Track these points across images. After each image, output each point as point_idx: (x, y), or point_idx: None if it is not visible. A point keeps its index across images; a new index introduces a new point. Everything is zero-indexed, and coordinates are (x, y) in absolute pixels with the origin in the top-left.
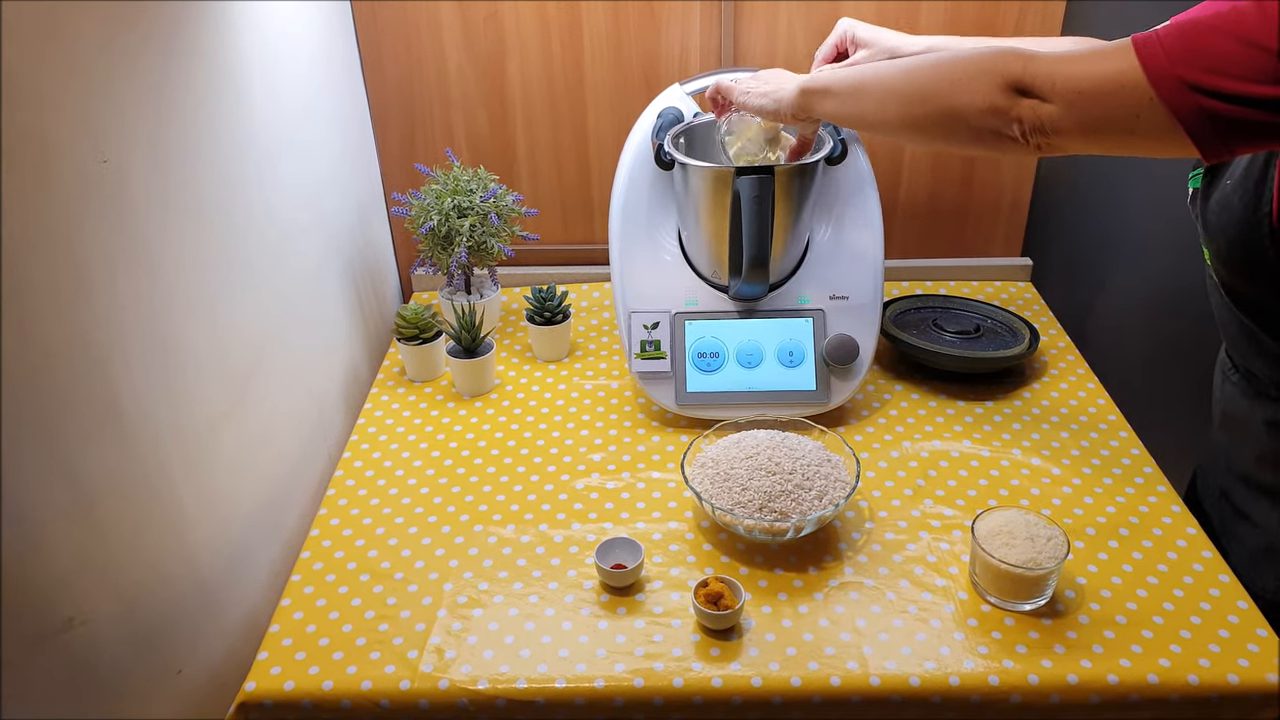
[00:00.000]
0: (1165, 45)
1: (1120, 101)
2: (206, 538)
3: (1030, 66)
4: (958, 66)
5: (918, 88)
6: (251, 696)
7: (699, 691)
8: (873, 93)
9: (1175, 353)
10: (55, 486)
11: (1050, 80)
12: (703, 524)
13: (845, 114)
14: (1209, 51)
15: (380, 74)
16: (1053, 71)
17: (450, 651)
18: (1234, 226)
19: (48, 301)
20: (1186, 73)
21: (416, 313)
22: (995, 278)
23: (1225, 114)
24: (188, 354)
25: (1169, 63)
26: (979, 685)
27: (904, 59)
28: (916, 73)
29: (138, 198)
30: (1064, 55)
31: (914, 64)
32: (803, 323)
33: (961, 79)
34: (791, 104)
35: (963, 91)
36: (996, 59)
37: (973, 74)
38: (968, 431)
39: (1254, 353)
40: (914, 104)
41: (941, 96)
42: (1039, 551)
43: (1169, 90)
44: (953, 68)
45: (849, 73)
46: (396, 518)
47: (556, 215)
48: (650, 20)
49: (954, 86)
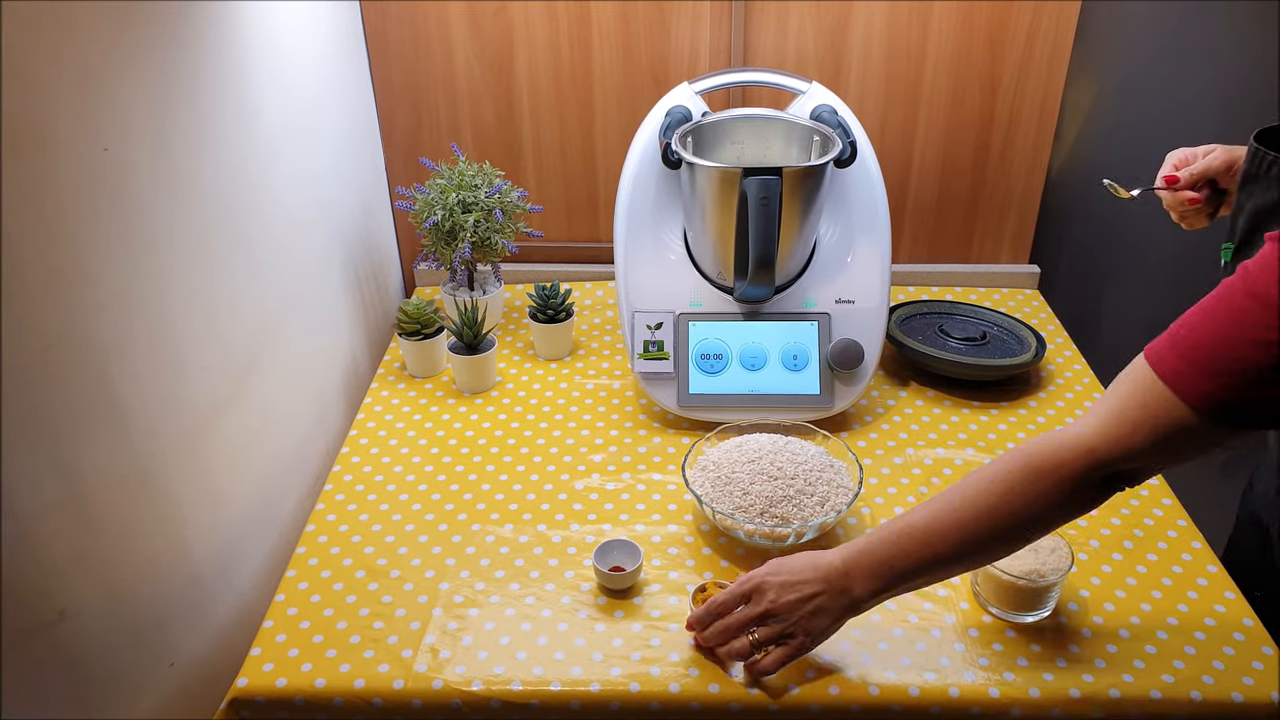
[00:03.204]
0: (1197, 372)
1: (1186, 441)
2: (201, 531)
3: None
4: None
5: (989, 544)
6: (243, 692)
7: (695, 698)
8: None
9: None
10: (48, 478)
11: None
12: (703, 528)
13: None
14: (1234, 371)
15: (387, 67)
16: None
17: (445, 651)
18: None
19: (44, 291)
20: (1228, 398)
21: (418, 308)
22: (1002, 284)
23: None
24: (186, 345)
25: (1212, 391)
26: (979, 697)
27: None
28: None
29: (139, 188)
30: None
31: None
32: (808, 326)
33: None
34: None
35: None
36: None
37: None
38: (972, 439)
39: None
40: (990, 553)
41: (1013, 532)
42: (1042, 563)
43: (1221, 417)
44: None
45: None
46: (393, 514)
47: (561, 212)
48: (660, 18)
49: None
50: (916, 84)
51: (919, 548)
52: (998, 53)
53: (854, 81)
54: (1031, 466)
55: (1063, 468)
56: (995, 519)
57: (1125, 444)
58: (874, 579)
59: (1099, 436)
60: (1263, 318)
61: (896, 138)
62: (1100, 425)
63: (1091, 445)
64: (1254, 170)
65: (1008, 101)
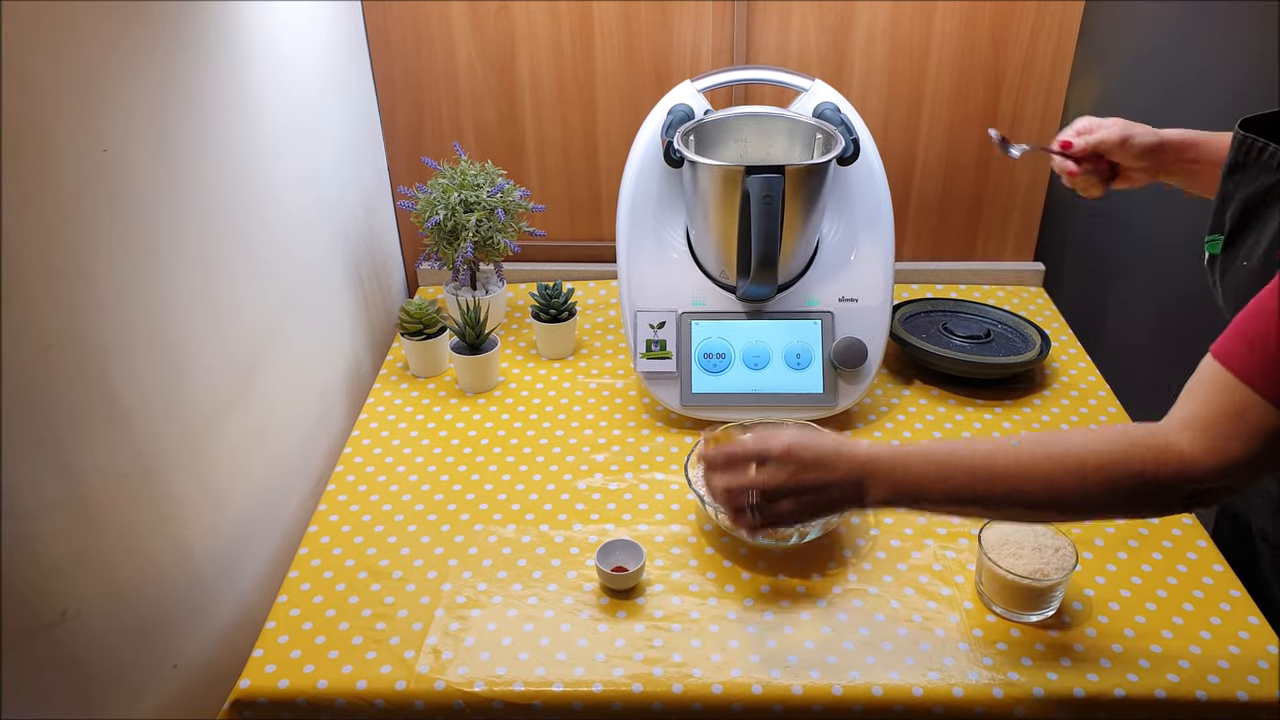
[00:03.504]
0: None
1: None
2: (203, 531)
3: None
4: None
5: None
6: (246, 694)
7: (698, 698)
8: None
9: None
10: (49, 479)
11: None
12: (705, 528)
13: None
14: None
15: (389, 66)
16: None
17: (447, 652)
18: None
19: (44, 292)
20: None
21: (421, 308)
22: (1007, 282)
23: None
24: (188, 346)
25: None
26: (983, 697)
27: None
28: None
29: (140, 188)
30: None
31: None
32: (811, 325)
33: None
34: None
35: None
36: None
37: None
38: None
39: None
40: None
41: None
42: (1046, 562)
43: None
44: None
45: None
46: (396, 515)
47: (564, 211)
48: (662, 16)
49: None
50: (920, 81)
51: (965, 478)
52: (1001, 51)
53: (857, 79)
54: (1134, 468)
55: (1164, 481)
56: (1072, 491)
57: (1224, 459)
58: (895, 491)
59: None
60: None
61: (900, 135)
62: (1198, 440)
63: (1192, 467)
64: (1241, 159)
65: (1011, 99)
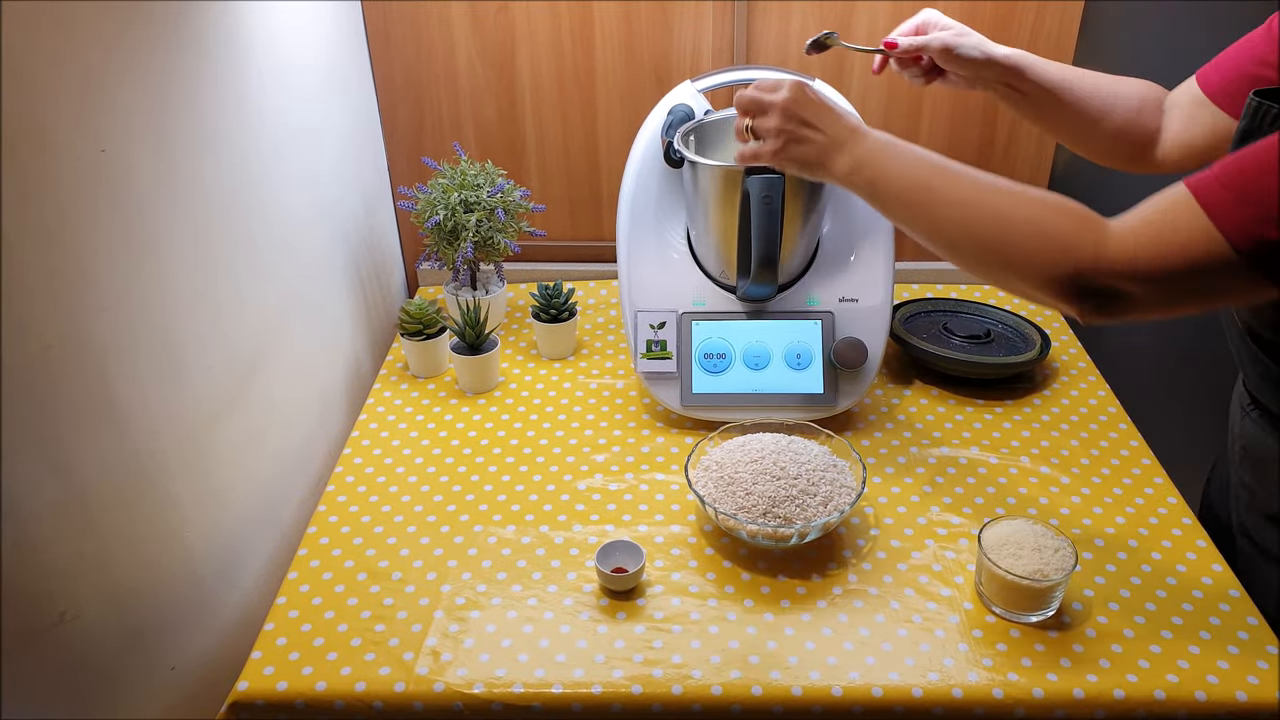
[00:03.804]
0: (1241, 200)
1: (1208, 278)
2: (202, 532)
3: (1103, 254)
4: (1020, 225)
5: (972, 233)
6: (244, 695)
7: (698, 699)
8: (923, 218)
9: (1189, 361)
10: (48, 480)
11: (1131, 271)
12: (705, 528)
13: (889, 218)
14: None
15: (389, 66)
16: (1133, 264)
17: (446, 654)
18: None
19: (44, 292)
20: (1270, 232)
21: (421, 308)
22: None
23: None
24: (188, 347)
25: (1249, 222)
26: (983, 698)
27: (961, 174)
28: (975, 214)
29: (139, 188)
30: (1135, 232)
31: (971, 198)
32: (811, 325)
33: (1024, 243)
34: (836, 182)
35: (1023, 260)
36: (1067, 236)
37: (1037, 245)
38: (976, 438)
39: (1274, 392)
40: (962, 249)
41: (997, 253)
42: (1046, 563)
43: (1258, 254)
44: (1015, 226)
45: (901, 180)
46: (396, 516)
47: (564, 211)
48: (662, 16)
49: (1014, 251)
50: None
51: (926, 172)
52: None
53: (857, 78)
54: (1052, 213)
55: (1071, 240)
56: (982, 225)
57: (1142, 254)
58: (864, 167)
59: (1118, 236)
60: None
61: (900, 134)
62: (1131, 226)
63: (1107, 235)
64: (1253, 125)
65: None
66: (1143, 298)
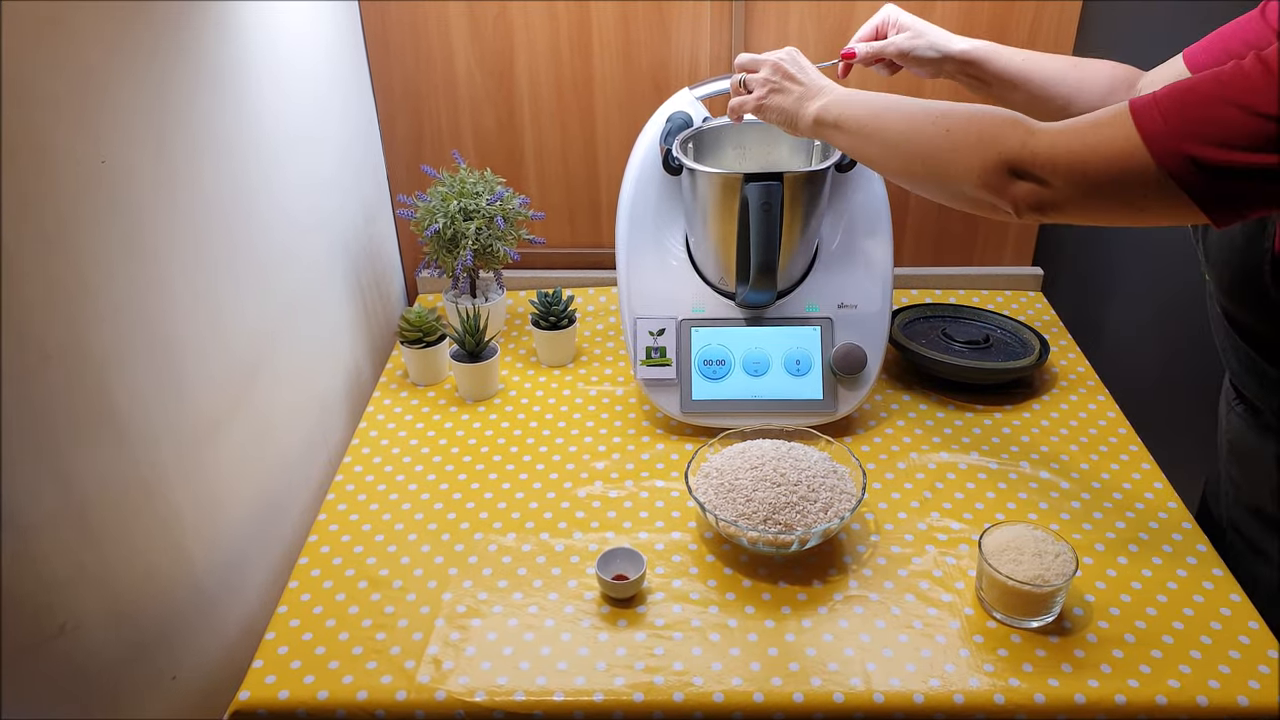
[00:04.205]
0: (1167, 116)
1: (1125, 180)
2: (203, 542)
3: (1029, 144)
4: (958, 131)
5: (918, 151)
6: (245, 705)
7: (699, 707)
8: (879, 142)
9: (1188, 365)
10: (49, 490)
11: (1051, 161)
12: (706, 535)
13: (854, 155)
14: (1213, 121)
15: (387, 74)
16: (1053, 153)
17: (448, 662)
18: (1236, 257)
19: (43, 303)
20: (1191, 147)
21: (420, 316)
22: (1005, 287)
23: (1234, 186)
24: (188, 356)
25: (1173, 138)
26: (984, 704)
27: (913, 103)
28: (918, 134)
29: (139, 197)
30: (1064, 131)
31: (918, 115)
32: (810, 331)
33: (959, 150)
34: (806, 130)
35: (959, 164)
36: (996, 133)
37: (970, 148)
38: (976, 443)
39: (1257, 384)
40: (913, 163)
41: (939, 165)
42: (1046, 568)
43: (1176, 166)
44: (951, 138)
45: (861, 111)
46: (396, 524)
47: (563, 218)
48: (660, 22)
49: (952, 157)
50: (918, 85)
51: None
52: None
53: (855, 83)
54: (981, 117)
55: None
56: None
57: (1065, 148)
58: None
59: (1047, 130)
60: (1266, 84)
61: None
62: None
63: (1035, 130)
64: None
65: None
66: (1063, 192)
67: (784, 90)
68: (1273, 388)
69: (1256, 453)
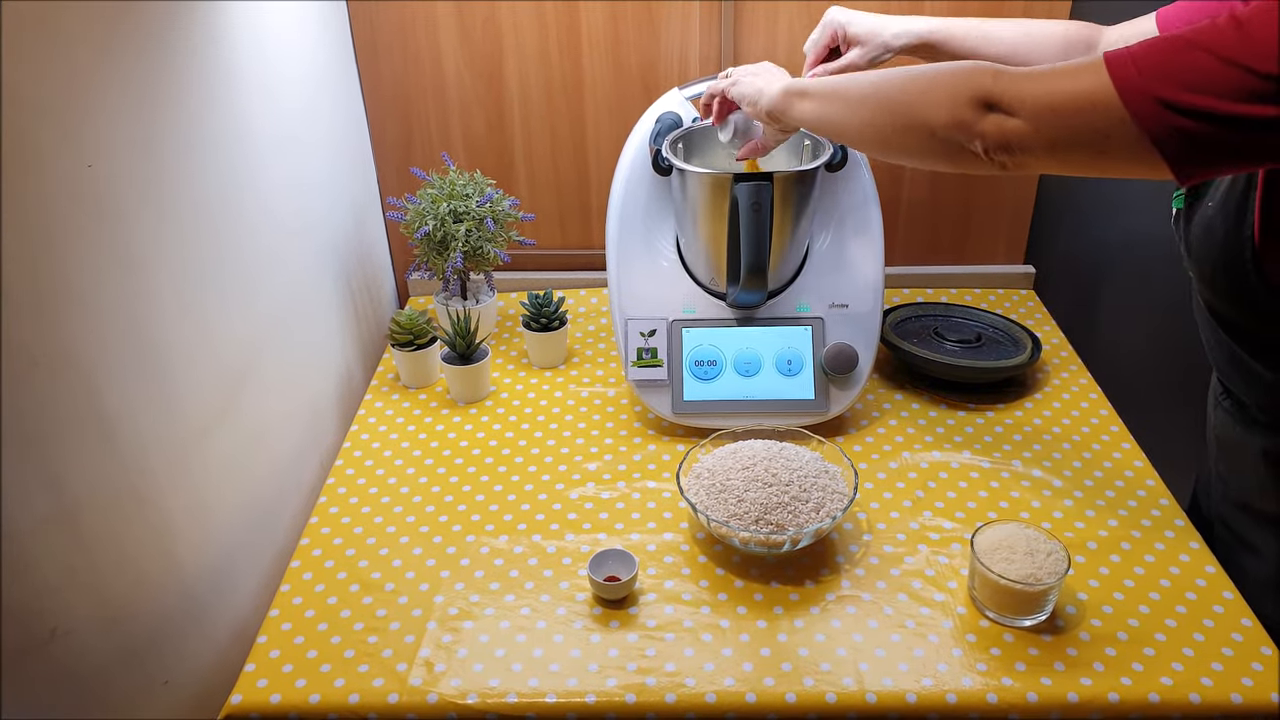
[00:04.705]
0: (1139, 63)
1: (1091, 119)
2: (194, 547)
3: (1000, 81)
4: (925, 78)
5: (885, 97)
6: (237, 709)
7: (692, 708)
8: (845, 98)
9: (1180, 364)
10: (38, 495)
11: (1019, 96)
12: (698, 535)
13: (819, 118)
14: (1185, 67)
15: (376, 76)
16: (1021, 87)
17: (440, 664)
18: (1217, 249)
19: (31, 308)
20: (1161, 90)
21: (411, 318)
22: (997, 285)
23: (1200, 134)
24: (177, 360)
25: (1143, 80)
26: (977, 703)
27: (881, 70)
28: (886, 82)
29: (126, 202)
30: (1035, 71)
31: (886, 74)
32: (801, 331)
33: (929, 90)
34: (771, 101)
35: (928, 103)
36: (966, 73)
37: (940, 86)
38: (968, 442)
39: (1241, 379)
40: (880, 113)
41: (907, 107)
42: (1039, 567)
43: (1142, 108)
44: (920, 80)
45: (828, 79)
46: (388, 526)
47: (554, 220)
48: (649, 23)
49: (921, 98)
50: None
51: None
52: None
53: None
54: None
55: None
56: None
57: (1035, 85)
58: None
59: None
60: (1239, 40)
61: None
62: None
63: (1005, 70)
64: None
65: None
66: (1030, 126)
67: (755, 74)
68: (1256, 382)
69: (1242, 447)
